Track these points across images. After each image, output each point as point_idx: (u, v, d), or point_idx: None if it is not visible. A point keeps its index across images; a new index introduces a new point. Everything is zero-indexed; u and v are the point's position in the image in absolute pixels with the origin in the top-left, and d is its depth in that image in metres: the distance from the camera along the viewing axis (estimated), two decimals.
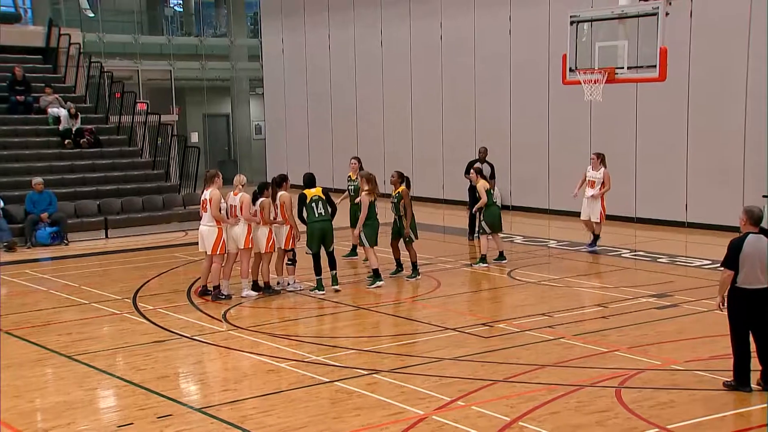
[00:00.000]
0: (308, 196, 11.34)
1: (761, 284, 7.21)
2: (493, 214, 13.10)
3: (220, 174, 11.23)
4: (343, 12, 23.60)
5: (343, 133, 23.97)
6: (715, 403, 7.10)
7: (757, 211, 7.34)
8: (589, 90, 11.62)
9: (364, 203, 11.71)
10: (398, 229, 12.13)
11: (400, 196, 11.95)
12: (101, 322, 10.44)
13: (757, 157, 15.41)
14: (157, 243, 16.42)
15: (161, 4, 31.82)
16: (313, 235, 11.29)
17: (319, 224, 11.32)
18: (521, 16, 19.04)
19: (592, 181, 14.04)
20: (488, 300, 11.49)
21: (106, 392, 7.89)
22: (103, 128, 20.80)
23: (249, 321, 10.26)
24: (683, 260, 13.51)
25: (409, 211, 11.89)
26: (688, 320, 9.77)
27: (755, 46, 15.26)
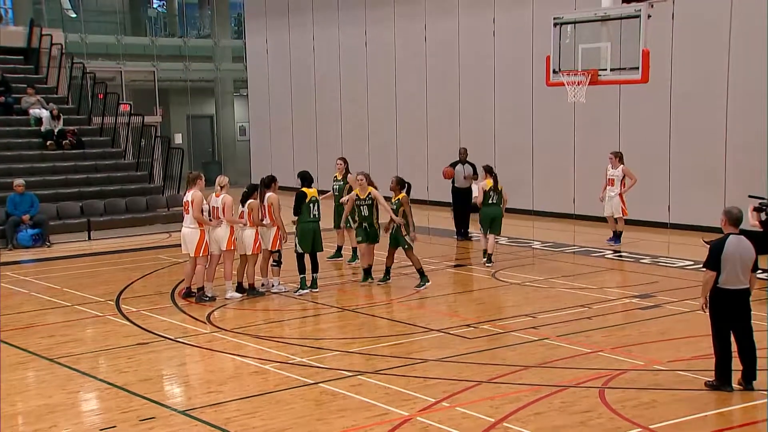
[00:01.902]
0: (308, 196, 11.34)
1: (742, 285, 7.28)
2: (484, 214, 13.22)
3: (202, 176, 11.21)
4: (327, 13, 23.59)
5: (327, 134, 23.95)
6: (697, 402, 7.15)
7: (735, 212, 7.41)
8: (573, 91, 11.67)
9: (380, 199, 11.60)
10: (395, 236, 11.77)
11: (399, 203, 11.68)
12: (84, 324, 10.37)
13: (738, 158, 15.54)
14: (141, 245, 16.34)
15: (144, 5, 31.66)
16: (306, 236, 11.27)
17: (311, 225, 11.33)
18: (505, 18, 19.10)
19: (612, 179, 14.56)
20: (473, 301, 11.51)
21: (88, 395, 7.83)
22: (86, 129, 20.68)
23: (233, 323, 10.22)
24: (666, 261, 13.60)
25: (410, 219, 11.63)
26: (670, 320, 9.83)
27: (736, 48, 15.40)
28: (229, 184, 11.29)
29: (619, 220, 14.75)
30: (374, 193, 11.85)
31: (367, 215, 11.87)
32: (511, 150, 19.05)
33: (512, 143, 19.08)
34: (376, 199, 11.79)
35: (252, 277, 11.38)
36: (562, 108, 16.12)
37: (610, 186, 14.63)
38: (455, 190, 15.76)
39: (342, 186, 13.24)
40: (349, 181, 12.81)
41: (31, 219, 16.25)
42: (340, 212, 13.16)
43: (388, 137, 22.08)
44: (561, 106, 15.54)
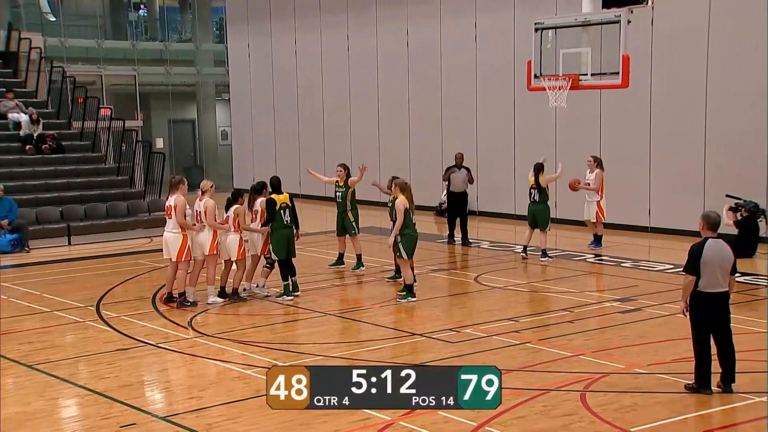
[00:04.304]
0: (278, 203, 11.22)
1: (722, 288, 7.34)
2: (529, 211, 14.03)
3: (185, 180, 11.14)
4: (309, 18, 23.58)
5: (309, 139, 23.92)
6: (677, 405, 7.20)
7: (714, 216, 7.48)
8: (554, 96, 11.74)
9: (399, 211, 11.07)
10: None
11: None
12: (64, 330, 10.28)
13: (717, 162, 15.70)
14: (122, 250, 16.23)
15: (125, 9, 31.50)
16: (280, 243, 11.21)
17: (285, 231, 11.25)
18: (486, 23, 19.19)
19: (588, 183, 14.69)
20: (455, 305, 11.53)
21: (67, 402, 7.76)
22: (66, 134, 20.53)
23: (215, 328, 10.17)
24: (646, 265, 13.69)
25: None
26: (651, 324, 9.89)
27: (714, 52, 15.57)
28: (213, 188, 11.20)
29: (597, 224, 14.86)
30: (397, 204, 11.25)
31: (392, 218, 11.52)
32: (493, 154, 19.12)
33: (494, 148, 19.15)
34: (396, 209, 11.20)
35: (238, 282, 11.33)
36: (543, 112, 16.20)
37: (588, 190, 14.75)
38: (451, 195, 15.83)
39: (345, 192, 13.16)
40: (393, 186, 12.03)
41: (9, 224, 16.09)
42: (344, 219, 13.11)
43: (370, 141, 22.09)
44: (542, 111, 15.63)
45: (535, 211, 13.86)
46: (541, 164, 13.98)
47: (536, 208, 13.86)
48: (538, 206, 13.85)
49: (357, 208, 13.27)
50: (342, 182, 13.29)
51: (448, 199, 16.13)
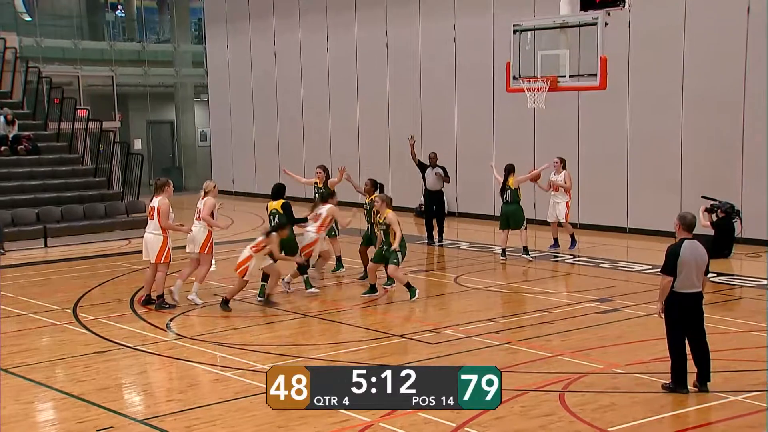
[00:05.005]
0: (269, 209, 11.96)
1: (696, 288, 7.42)
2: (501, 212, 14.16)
3: (170, 183, 11.16)
4: (288, 18, 23.52)
5: (289, 140, 23.86)
6: (654, 405, 7.26)
7: (689, 217, 7.56)
8: (533, 98, 11.79)
9: (395, 224, 11.10)
10: (369, 236, 12.21)
11: (372, 203, 11.85)
12: (40, 333, 10.18)
13: (694, 162, 15.85)
14: (99, 252, 16.09)
15: (102, 9, 31.25)
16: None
17: None
18: (466, 25, 19.24)
19: (556, 185, 14.67)
20: (434, 306, 11.55)
21: (43, 405, 7.69)
22: (42, 135, 20.33)
23: (194, 330, 10.12)
24: (624, 265, 13.79)
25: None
26: (629, 324, 9.97)
27: (690, 54, 15.73)
28: (216, 188, 11.42)
29: (565, 224, 14.85)
30: (390, 218, 11.33)
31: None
32: (473, 155, 19.16)
33: (474, 149, 19.20)
34: (391, 225, 11.18)
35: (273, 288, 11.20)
36: (522, 114, 16.28)
37: (554, 192, 14.78)
38: (427, 193, 15.86)
39: (322, 193, 13.16)
40: (379, 203, 11.87)
41: None
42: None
43: (350, 142, 22.07)
44: (521, 112, 15.69)
45: (508, 212, 13.85)
46: (512, 165, 14.01)
47: (509, 208, 13.87)
48: (510, 207, 13.85)
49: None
50: (321, 184, 13.30)
51: (424, 198, 16.22)
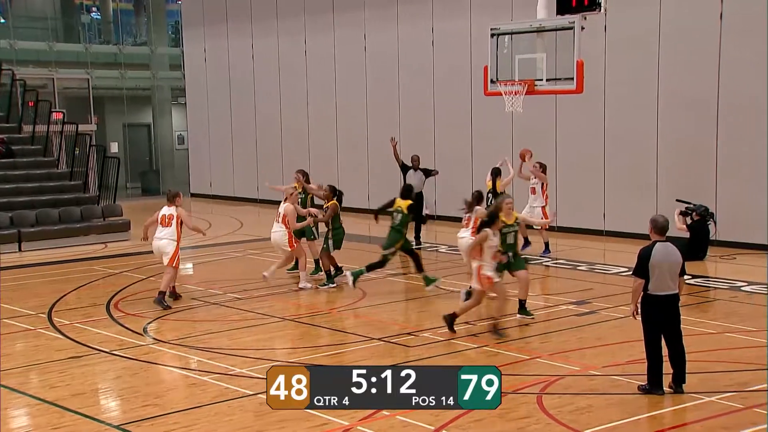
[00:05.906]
0: (395, 205, 12.29)
1: (671, 290, 7.49)
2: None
3: (181, 194, 11.57)
4: (266, 21, 23.46)
5: (267, 143, 23.79)
6: (630, 406, 7.32)
7: (662, 220, 7.64)
8: (510, 101, 11.85)
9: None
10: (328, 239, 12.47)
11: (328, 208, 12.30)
12: (13, 338, 10.05)
13: (669, 165, 16.00)
14: (75, 256, 15.94)
15: (77, 11, 30.99)
16: None
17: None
18: (443, 29, 19.30)
19: (533, 188, 14.73)
20: (413, 309, 11.56)
21: (16, 412, 7.59)
22: (16, 138, 20.10)
23: (171, 334, 10.05)
24: (601, 268, 13.89)
25: (322, 220, 12.40)
26: (606, 326, 10.04)
27: (665, 58, 15.89)
28: (295, 194, 12.34)
29: (542, 230, 14.81)
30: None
31: (512, 243, 10.67)
32: (451, 159, 19.22)
33: (451, 152, 19.26)
34: (523, 222, 10.98)
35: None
36: (500, 117, 16.34)
37: (532, 195, 14.79)
38: None
39: (304, 198, 13.22)
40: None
41: None
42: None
43: (328, 146, 22.05)
44: (499, 115, 15.76)
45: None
46: (498, 168, 14.09)
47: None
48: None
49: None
50: (300, 188, 13.29)
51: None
